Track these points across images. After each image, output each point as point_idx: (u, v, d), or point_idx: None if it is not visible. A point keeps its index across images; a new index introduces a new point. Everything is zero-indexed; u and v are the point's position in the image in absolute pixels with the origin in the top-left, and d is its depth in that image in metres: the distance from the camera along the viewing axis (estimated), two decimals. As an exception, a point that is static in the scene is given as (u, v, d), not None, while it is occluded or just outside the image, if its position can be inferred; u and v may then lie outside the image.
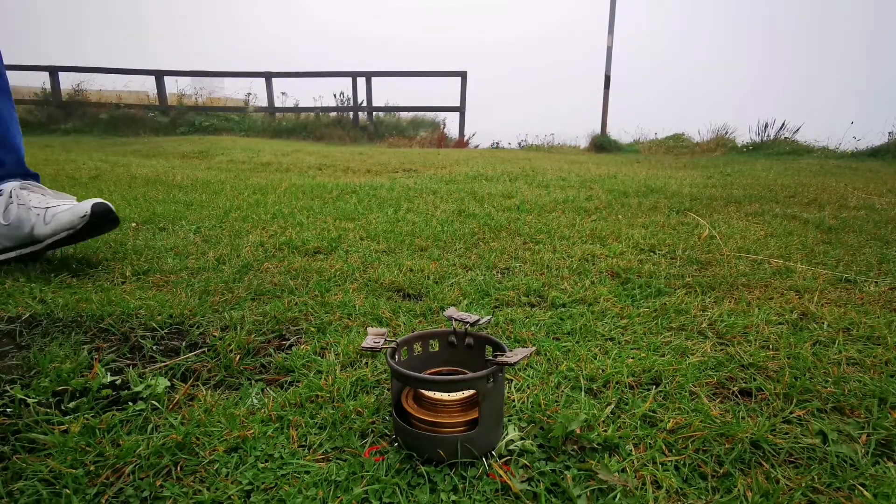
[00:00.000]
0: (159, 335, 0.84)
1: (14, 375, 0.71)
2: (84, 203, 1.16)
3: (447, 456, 0.52)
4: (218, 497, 0.48)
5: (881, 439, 0.59)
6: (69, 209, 1.14)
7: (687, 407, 0.64)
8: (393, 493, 0.49)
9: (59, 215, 1.13)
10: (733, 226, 1.75)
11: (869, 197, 2.46)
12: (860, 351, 0.81)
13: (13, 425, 0.59)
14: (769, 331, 0.88)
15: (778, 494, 0.49)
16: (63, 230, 1.13)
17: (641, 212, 2.01)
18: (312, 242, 1.46)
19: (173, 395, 0.66)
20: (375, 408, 0.63)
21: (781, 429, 0.60)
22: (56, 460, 0.52)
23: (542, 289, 1.07)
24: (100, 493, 0.49)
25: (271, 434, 0.58)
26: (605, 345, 0.82)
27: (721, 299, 1.03)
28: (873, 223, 1.81)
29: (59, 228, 1.13)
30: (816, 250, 1.42)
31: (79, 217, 1.13)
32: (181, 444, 0.55)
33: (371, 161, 4.18)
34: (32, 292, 1.02)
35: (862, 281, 1.16)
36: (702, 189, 2.67)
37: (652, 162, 4.83)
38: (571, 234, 1.58)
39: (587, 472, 0.52)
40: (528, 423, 0.60)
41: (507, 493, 0.50)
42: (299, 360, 0.75)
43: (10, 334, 0.84)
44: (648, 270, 1.21)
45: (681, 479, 0.52)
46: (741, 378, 0.72)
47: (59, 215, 1.13)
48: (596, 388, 0.69)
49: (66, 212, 1.14)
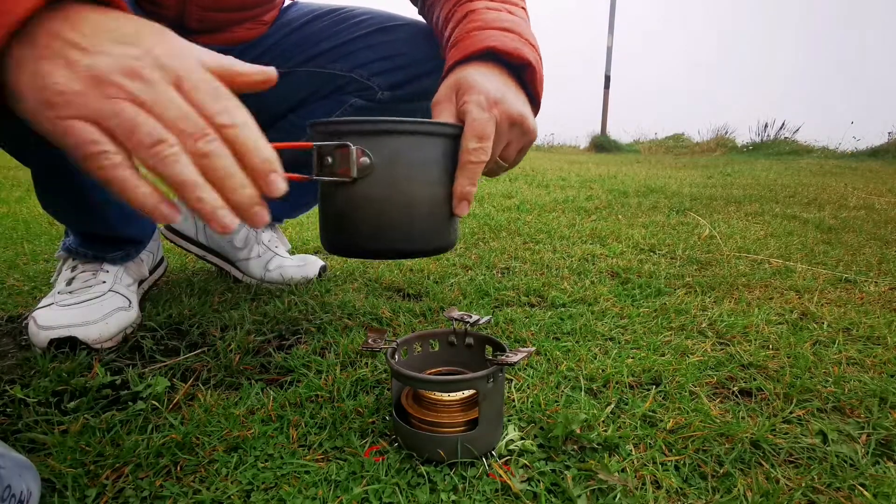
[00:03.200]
0: (159, 335, 0.84)
1: (14, 375, 0.71)
2: (313, 265, 1.11)
3: (447, 456, 0.52)
4: (218, 497, 0.48)
5: (881, 439, 0.59)
6: (298, 268, 1.09)
7: (687, 407, 0.64)
8: (393, 493, 0.49)
9: (285, 269, 1.08)
10: (733, 226, 1.75)
11: (869, 197, 2.46)
12: (860, 351, 0.81)
13: (13, 425, 0.59)
14: (769, 331, 0.88)
15: (778, 494, 0.49)
16: (278, 284, 1.08)
17: (641, 212, 2.01)
18: (312, 243, 1.46)
19: (173, 395, 0.66)
20: (375, 408, 0.63)
21: (781, 429, 0.60)
22: (56, 460, 0.52)
23: (541, 289, 1.07)
24: (100, 494, 0.49)
25: (271, 434, 0.58)
26: (605, 345, 0.82)
27: (721, 299, 1.03)
28: (873, 223, 1.81)
29: (278, 281, 1.08)
30: (816, 250, 1.42)
31: (307, 279, 1.09)
32: (181, 444, 0.55)
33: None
34: (33, 292, 1.02)
35: (862, 281, 1.16)
36: (702, 189, 2.67)
37: (652, 162, 4.83)
38: (571, 234, 1.58)
39: (587, 472, 0.52)
40: (528, 423, 0.60)
41: (506, 492, 0.50)
42: (299, 360, 0.75)
43: (10, 334, 0.84)
44: (648, 270, 1.21)
45: (681, 479, 0.52)
46: (741, 378, 0.72)
47: (285, 269, 1.08)
48: (596, 388, 0.69)
49: (294, 268, 1.09)
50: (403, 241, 0.55)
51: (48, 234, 1.49)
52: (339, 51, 0.89)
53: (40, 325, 0.76)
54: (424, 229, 0.56)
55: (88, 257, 0.88)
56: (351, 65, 0.89)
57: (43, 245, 1.37)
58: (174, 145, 0.36)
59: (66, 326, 0.76)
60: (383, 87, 0.89)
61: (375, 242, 0.54)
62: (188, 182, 0.37)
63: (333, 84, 0.91)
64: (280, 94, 0.91)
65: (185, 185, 0.37)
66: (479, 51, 0.61)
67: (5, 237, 1.45)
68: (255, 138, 0.39)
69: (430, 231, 0.56)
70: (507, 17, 0.66)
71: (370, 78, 0.89)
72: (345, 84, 0.90)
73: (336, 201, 0.54)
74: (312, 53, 0.90)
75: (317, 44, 0.89)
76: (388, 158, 0.52)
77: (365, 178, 0.52)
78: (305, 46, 0.90)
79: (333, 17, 0.91)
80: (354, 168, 0.51)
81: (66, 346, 0.76)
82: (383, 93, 0.89)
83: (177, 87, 0.37)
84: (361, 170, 0.51)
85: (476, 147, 0.55)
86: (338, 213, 0.55)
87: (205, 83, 0.38)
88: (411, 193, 0.53)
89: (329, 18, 0.91)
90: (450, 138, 0.56)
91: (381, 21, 0.90)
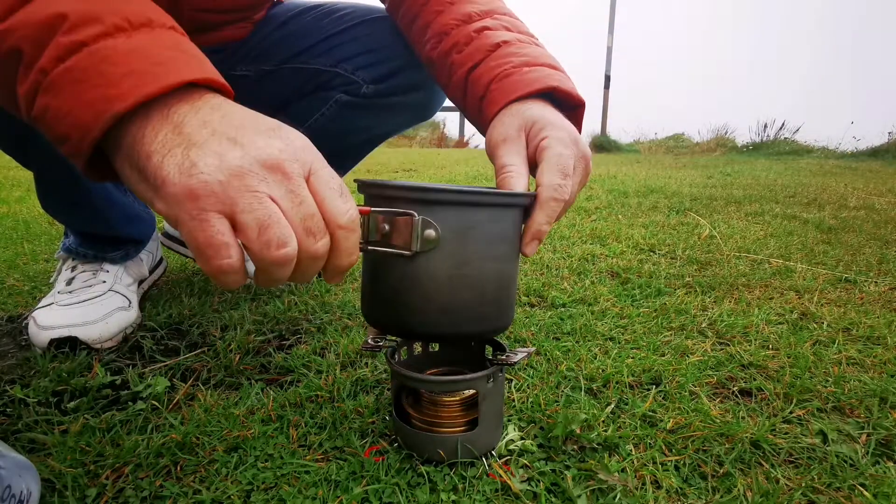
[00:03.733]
0: (159, 335, 0.84)
1: (14, 375, 0.71)
2: None
3: (447, 456, 0.52)
4: (218, 497, 0.48)
5: (881, 439, 0.59)
6: None
7: (687, 407, 0.64)
8: (393, 493, 0.49)
9: None
10: (733, 226, 1.75)
11: (869, 197, 2.46)
12: (860, 351, 0.81)
13: (13, 425, 0.59)
14: (769, 331, 0.88)
15: (778, 494, 0.49)
16: None
17: (641, 212, 2.01)
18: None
19: (173, 395, 0.66)
20: (375, 408, 0.63)
21: (781, 429, 0.60)
22: (56, 460, 0.52)
23: (542, 289, 1.07)
24: (100, 494, 0.49)
25: (271, 434, 0.58)
26: (605, 345, 0.82)
27: (721, 299, 1.03)
28: (873, 223, 1.81)
29: None
30: (816, 250, 1.42)
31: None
32: (181, 444, 0.55)
33: (371, 161, 4.18)
34: (32, 292, 1.02)
35: (862, 281, 1.16)
36: (702, 189, 2.67)
37: (652, 162, 4.83)
38: (571, 234, 1.58)
39: (587, 472, 0.52)
40: (528, 423, 0.60)
41: (506, 492, 0.50)
42: (299, 360, 0.75)
43: (10, 334, 0.84)
44: (648, 270, 1.21)
45: (681, 479, 0.52)
46: (741, 378, 0.72)
47: None
48: (596, 388, 0.69)
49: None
50: (470, 324, 0.49)
51: (48, 234, 1.49)
52: (323, 45, 0.88)
53: (40, 324, 0.76)
54: (493, 310, 0.50)
55: (88, 257, 0.88)
56: (335, 59, 0.87)
57: (43, 245, 1.37)
58: (295, 248, 0.37)
59: (66, 326, 0.76)
60: (368, 81, 0.87)
61: (438, 326, 0.49)
62: (282, 278, 0.38)
63: (318, 80, 0.89)
64: (268, 93, 0.91)
65: (278, 280, 0.38)
66: (543, 90, 0.58)
67: (5, 237, 1.45)
68: (357, 242, 0.40)
69: (498, 311, 0.51)
70: (542, 51, 0.64)
71: (355, 72, 0.87)
72: (329, 79, 0.89)
73: (390, 276, 0.48)
74: (297, 49, 0.88)
75: (301, 39, 0.88)
76: (459, 232, 0.46)
77: (427, 253, 0.46)
78: (290, 43, 0.89)
79: (316, 13, 0.90)
80: (417, 242, 0.45)
81: (66, 345, 0.76)
82: (368, 87, 0.87)
83: (306, 180, 0.38)
84: (425, 243, 0.45)
85: (560, 183, 0.52)
86: (391, 288, 0.49)
87: (333, 179, 0.39)
88: (483, 272, 0.48)
89: (312, 14, 0.91)
90: (523, 210, 0.52)
91: (363, 14, 0.89)
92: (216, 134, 0.36)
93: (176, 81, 0.36)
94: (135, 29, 0.37)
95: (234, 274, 0.36)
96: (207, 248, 0.35)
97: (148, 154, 0.35)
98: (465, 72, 0.64)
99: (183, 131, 0.35)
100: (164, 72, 0.36)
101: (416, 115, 0.97)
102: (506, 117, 0.58)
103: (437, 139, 8.13)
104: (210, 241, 0.35)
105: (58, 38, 0.35)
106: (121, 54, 0.35)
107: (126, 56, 0.35)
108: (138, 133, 0.36)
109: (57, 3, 0.36)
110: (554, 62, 0.63)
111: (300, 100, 0.92)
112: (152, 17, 0.38)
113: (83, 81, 0.35)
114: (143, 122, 0.36)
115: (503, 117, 0.58)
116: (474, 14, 0.66)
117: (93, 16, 0.36)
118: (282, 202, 0.36)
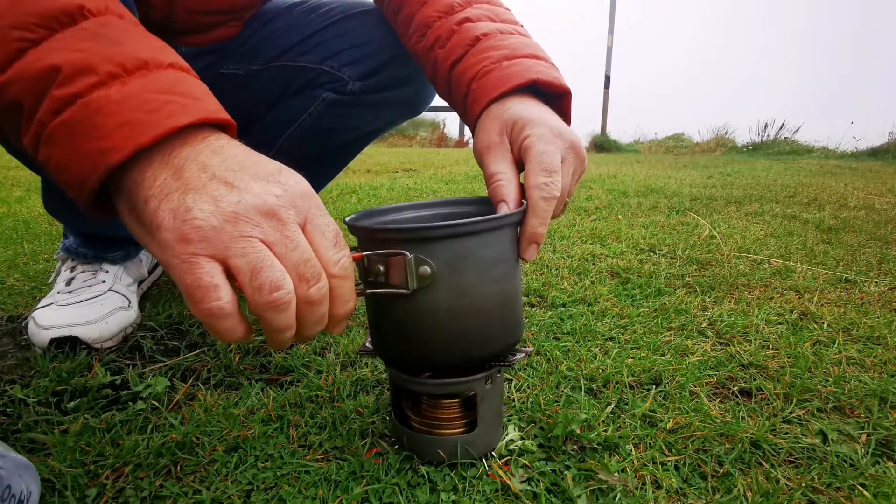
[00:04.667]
0: (159, 335, 0.84)
1: (14, 375, 0.71)
2: None
3: (446, 456, 0.52)
4: (218, 497, 0.48)
5: (881, 439, 0.59)
6: None
7: (687, 407, 0.64)
8: (393, 493, 0.49)
9: None
10: (733, 226, 1.75)
11: (869, 197, 2.46)
12: (860, 351, 0.81)
13: (13, 425, 0.59)
14: (769, 331, 0.88)
15: (778, 494, 0.49)
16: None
17: (641, 212, 2.01)
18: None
19: (173, 395, 0.66)
20: (375, 408, 0.63)
21: (781, 429, 0.60)
22: (56, 460, 0.52)
23: (541, 289, 1.07)
24: (100, 493, 0.49)
25: (271, 434, 0.58)
26: (605, 345, 0.82)
27: (721, 299, 1.03)
28: (873, 223, 1.81)
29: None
30: (816, 250, 1.42)
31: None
32: (181, 444, 0.55)
33: (371, 161, 4.18)
34: (32, 292, 1.02)
35: (862, 281, 1.16)
36: (702, 189, 2.67)
37: (652, 162, 4.83)
38: (571, 234, 1.58)
39: (587, 472, 0.52)
40: (528, 423, 0.60)
41: (506, 492, 0.50)
42: (299, 360, 0.75)
43: (10, 334, 0.84)
44: (648, 270, 1.21)
45: (681, 479, 0.52)
46: (741, 378, 0.72)
47: None
48: (596, 388, 0.69)
49: None
50: (478, 348, 0.50)
51: (48, 234, 1.49)
52: (309, 42, 0.86)
53: (40, 324, 0.76)
54: (499, 330, 0.51)
55: (88, 258, 0.88)
56: (322, 56, 0.86)
57: (43, 245, 1.37)
58: (290, 292, 0.36)
59: (66, 326, 0.76)
60: (354, 78, 0.85)
61: (446, 357, 0.49)
62: (284, 328, 0.38)
63: (304, 78, 0.87)
64: (257, 91, 0.89)
65: (280, 330, 0.38)
66: (523, 83, 0.56)
67: (5, 237, 1.45)
68: (351, 289, 0.41)
69: (505, 330, 0.51)
70: (526, 41, 0.62)
71: (341, 69, 0.85)
72: (315, 77, 0.87)
73: (393, 314, 0.49)
74: (285, 46, 0.87)
75: (288, 36, 0.87)
76: (454, 263, 0.46)
77: (425, 288, 0.46)
78: (277, 40, 0.87)
79: (303, 8, 0.89)
80: (414, 280, 0.45)
81: (66, 345, 0.76)
82: (354, 83, 0.85)
83: (302, 227, 0.38)
84: (421, 280, 0.45)
85: (546, 182, 0.51)
86: (396, 325, 0.49)
87: (329, 228, 0.39)
88: (484, 297, 0.48)
89: (298, 10, 0.89)
90: (514, 226, 0.51)
91: (349, 7, 0.87)
92: (215, 178, 0.36)
93: (169, 128, 0.36)
94: (130, 74, 0.37)
95: (226, 318, 0.36)
96: (196, 290, 0.34)
97: (146, 199, 0.35)
98: (447, 68, 0.63)
99: (182, 175, 0.35)
100: (157, 119, 0.36)
101: (407, 110, 0.95)
102: (486, 122, 0.57)
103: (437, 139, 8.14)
104: (198, 282, 0.34)
105: (53, 91, 0.35)
106: (114, 104, 0.35)
107: (119, 105, 0.35)
108: (138, 178, 0.36)
109: (51, 54, 0.36)
110: (536, 51, 0.61)
111: (288, 98, 0.90)
112: (148, 59, 0.38)
113: (79, 134, 0.35)
114: (143, 167, 0.36)
115: (484, 122, 0.57)
116: (456, 5, 0.65)
117: (87, 66, 0.35)
118: (276, 247, 0.36)
